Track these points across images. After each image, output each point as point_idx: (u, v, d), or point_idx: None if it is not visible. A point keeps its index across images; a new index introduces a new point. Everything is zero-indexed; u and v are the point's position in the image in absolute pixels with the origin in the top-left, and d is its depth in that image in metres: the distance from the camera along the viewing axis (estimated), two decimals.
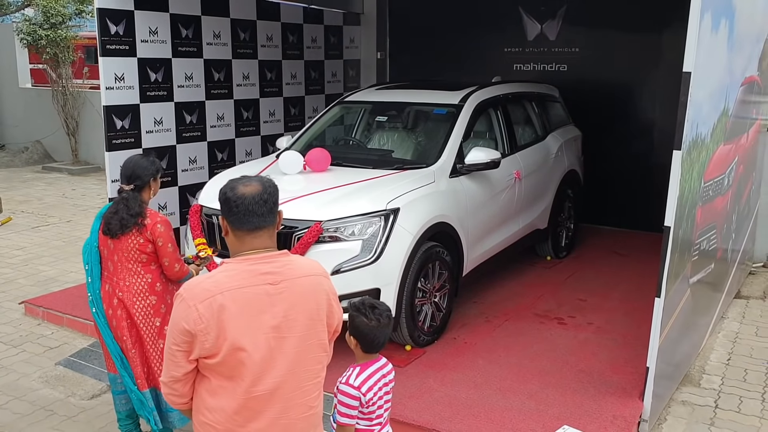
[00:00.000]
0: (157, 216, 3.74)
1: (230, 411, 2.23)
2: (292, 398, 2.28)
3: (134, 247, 3.68)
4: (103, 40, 6.64)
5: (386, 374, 3.05)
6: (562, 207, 7.39)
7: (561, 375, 4.77)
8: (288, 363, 2.25)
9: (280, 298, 2.24)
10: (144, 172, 3.77)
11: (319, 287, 2.35)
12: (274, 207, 2.32)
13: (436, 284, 5.24)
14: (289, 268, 2.30)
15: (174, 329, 2.22)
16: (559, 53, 9.05)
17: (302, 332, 2.28)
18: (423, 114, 6.17)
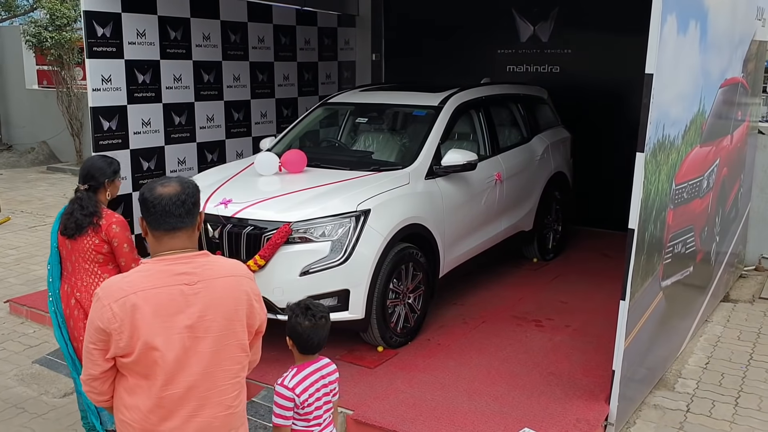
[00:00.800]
0: (113, 216, 3.75)
1: (145, 410, 2.26)
2: (208, 397, 2.29)
3: (90, 247, 3.70)
4: (89, 42, 6.71)
5: (326, 375, 3.05)
6: (549, 209, 7.36)
7: (530, 377, 4.76)
8: (203, 363, 2.27)
9: (196, 298, 2.26)
10: (99, 172, 3.79)
11: (239, 288, 2.36)
12: (193, 208, 2.34)
13: (410, 285, 5.24)
14: (207, 268, 2.31)
15: (90, 328, 2.26)
16: (551, 55, 9.03)
17: (219, 333, 2.29)
18: (403, 115, 6.17)
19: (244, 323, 2.36)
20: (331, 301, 4.74)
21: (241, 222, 4.84)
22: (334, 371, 3.12)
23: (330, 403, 3.08)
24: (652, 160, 4.13)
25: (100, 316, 2.22)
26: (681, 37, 4.29)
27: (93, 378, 2.31)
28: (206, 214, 4.99)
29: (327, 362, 3.12)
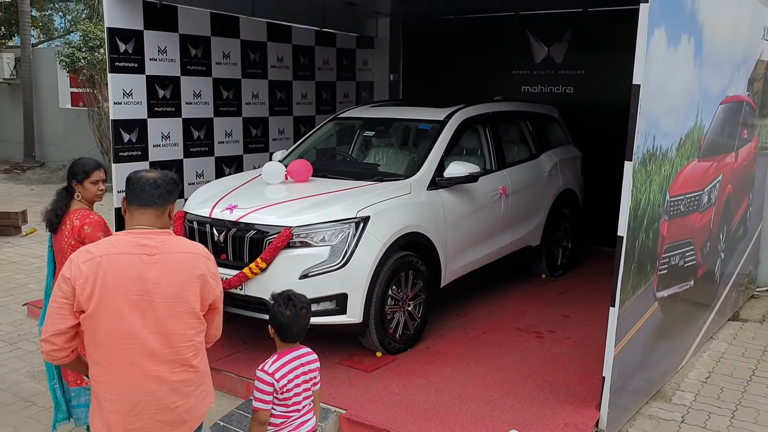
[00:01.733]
0: (88, 217, 3.75)
1: (107, 363, 2.51)
2: (164, 355, 2.54)
3: (68, 246, 3.74)
4: (112, 58, 7.01)
5: (306, 363, 3.18)
6: (557, 225, 7.43)
7: (524, 384, 4.82)
8: (156, 323, 2.52)
9: (154, 267, 2.53)
10: (69, 174, 3.86)
11: (193, 263, 2.61)
12: (166, 194, 2.66)
13: (410, 293, 5.35)
14: (167, 244, 2.61)
15: (59, 283, 2.54)
16: (565, 75, 9.15)
17: (171, 299, 2.54)
18: (409, 129, 6.34)
19: (197, 294, 2.59)
20: (330, 304, 4.88)
21: (244, 226, 5.01)
22: (315, 360, 3.24)
23: (309, 391, 3.20)
24: (641, 169, 4.21)
25: (68, 271, 2.51)
26: (672, 50, 4.39)
27: (58, 333, 2.53)
28: (212, 218, 5.19)
29: (307, 351, 3.24)
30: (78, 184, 3.82)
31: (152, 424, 2.56)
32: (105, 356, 2.51)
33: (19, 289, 7.28)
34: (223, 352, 5.28)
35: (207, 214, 5.23)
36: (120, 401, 2.52)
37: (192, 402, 2.62)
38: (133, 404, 2.52)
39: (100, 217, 3.83)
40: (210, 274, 2.65)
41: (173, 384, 2.55)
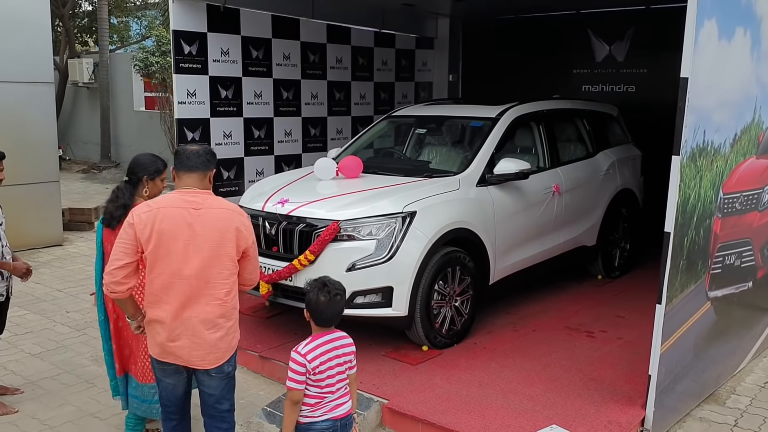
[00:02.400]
0: (133, 212, 3.49)
1: (159, 293, 3.20)
2: (202, 288, 3.19)
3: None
4: (177, 59, 7.31)
5: (339, 347, 3.25)
6: (615, 225, 7.30)
7: (569, 381, 4.78)
8: (200, 262, 3.17)
9: (199, 218, 3.20)
10: (140, 168, 3.92)
11: (230, 217, 3.27)
12: (206, 161, 3.33)
13: (457, 289, 5.37)
14: (209, 201, 3.27)
15: (124, 228, 3.24)
16: (627, 74, 8.99)
17: (213, 244, 3.19)
18: (461, 127, 6.37)
19: (233, 242, 3.24)
20: (376, 297, 4.96)
21: (294, 220, 5.15)
22: (350, 345, 3.32)
23: (344, 374, 3.27)
24: (690, 164, 4.13)
25: (131, 219, 3.22)
26: (724, 43, 4.29)
27: (119, 267, 3.17)
28: (265, 212, 5.35)
29: (342, 335, 3.32)
30: (149, 180, 3.91)
31: (189, 345, 3.20)
32: (158, 287, 3.19)
33: (89, 280, 7.64)
34: (273, 342, 5.43)
35: (260, 208, 5.39)
36: (165, 324, 3.19)
37: (222, 333, 3.25)
38: (175, 327, 3.19)
39: None
40: (243, 227, 3.29)
41: (208, 314, 3.20)
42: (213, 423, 3.46)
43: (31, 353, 5.62)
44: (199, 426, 3.61)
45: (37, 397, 4.84)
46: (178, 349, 3.22)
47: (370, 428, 4.42)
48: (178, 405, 3.48)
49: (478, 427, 4.12)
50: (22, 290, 7.29)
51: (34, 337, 5.98)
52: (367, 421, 4.39)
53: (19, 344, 5.80)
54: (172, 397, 3.44)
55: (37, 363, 5.43)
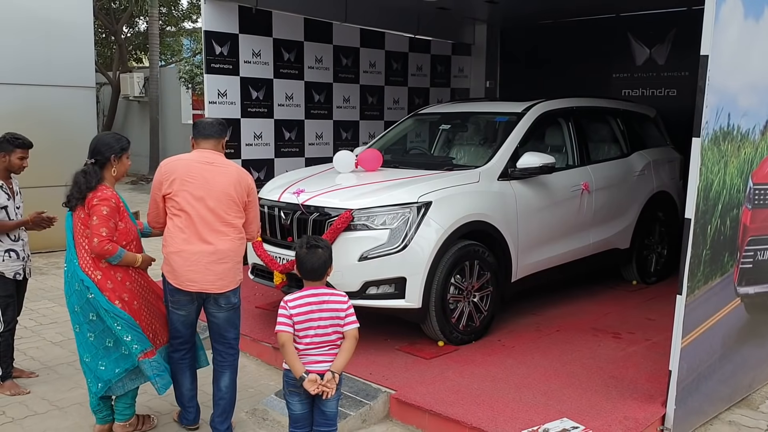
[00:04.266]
0: (101, 191, 3.75)
1: (177, 223, 3.79)
2: (214, 225, 3.81)
3: (79, 221, 3.79)
4: (208, 59, 7.40)
5: (325, 302, 3.26)
6: (650, 229, 7.04)
7: (588, 379, 4.57)
8: (213, 203, 3.79)
9: (213, 172, 3.84)
10: (105, 148, 3.84)
11: (238, 173, 3.91)
12: (219, 129, 4.02)
13: (476, 284, 5.22)
14: (220, 160, 3.93)
15: (154, 180, 3.94)
16: (668, 78, 8.74)
17: (222, 191, 3.82)
18: (486, 122, 6.25)
19: (239, 192, 3.88)
20: (388, 288, 4.85)
21: (309, 209, 5.10)
22: (341, 302, 3.31)
23: (329, 332, 3.25)
24: (712, 147, 3.93)
25: (159, 171, 3.89)
26: (751, 22, 4.09)
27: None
28: (281, 202, 5.32)
29: (334, 293, 3.33)
30: (117, 158, 3.86)
31: (203, 271, 3.76)
32: (178, 223, 3.79)
33: None
34: None
35: (276, 198, 5.37)
36: (183, 254, 3.76)
37: (230, 266, 3.84)
38: (191, 256, 3.75)
39: (114, 193, 3.84)
40: (246, 182, 3.92)
41: (219, 247, 3.79)
42: (222, 349, 4.00)
43: (52, 341, 5.69)
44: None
45: (51, 380, 4.88)
46: (194, 274, 3.75)
47: (376, 419, 4.29)
48: (188, 336, 4.04)
49: (485, 418, 3.96)
50: (54, 285, 7.44)
51: (58, 327, 6.06)
52: (373, 411, 4.27)
53: (42, 333, 5.88)
54: (184, 327, 3.98)
55: (56, 350, 5.49)
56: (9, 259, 4.67)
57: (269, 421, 4.25)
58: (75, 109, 9.22)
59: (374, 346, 5.09)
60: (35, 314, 6.31)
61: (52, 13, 8.91)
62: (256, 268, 5.58)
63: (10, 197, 4.73)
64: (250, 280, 5.89)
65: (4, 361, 4.70)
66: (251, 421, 4.30)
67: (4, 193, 4.68)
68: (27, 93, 8.67)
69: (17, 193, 4.85)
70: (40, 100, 8.71)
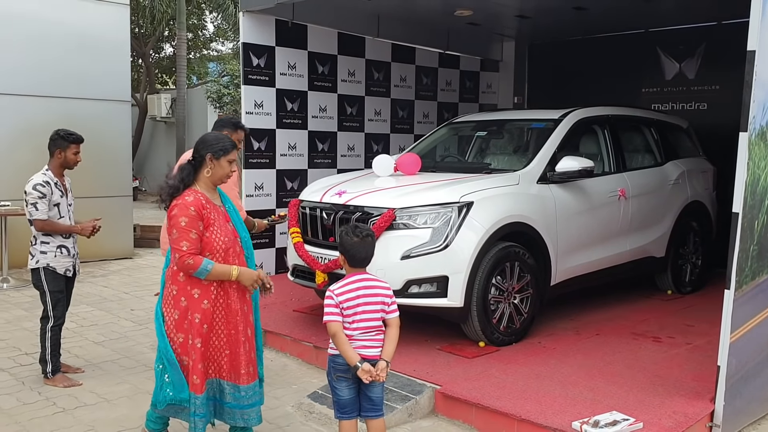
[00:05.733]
0: (182, 198, 3.33)
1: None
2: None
3: (164, 226, 3.60)
4: (245, 71, 7.55)
5: (370, 287, 3.31)
6: (684, 239, 7.03)
7: (633, 378, 4.55)
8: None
9: None
10: (203, 146, 3.44)
11: None
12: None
13: (516, 285, 5.24)
14: None
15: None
16: (698, 92, 8.77)
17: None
18: (522, 129, 6.32)
19: None
20: (430, 286, 4.89)
21: (351, 209, 5.16)
22: (385, 288, 3.35)
23: (376, 316, 3.30)
24: (759, 142, 3.96)
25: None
26: None
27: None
28: (322, 203, 5.39)
29: (377, 279, 3.37)
30: (214, 159, 3.39)
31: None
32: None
33: (155, 285, 7.83)
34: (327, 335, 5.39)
35: (318, 199, 5.44)
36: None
37: None
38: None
39: (198, 198, 3.37)
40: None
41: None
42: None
43: (95, 341, 5.77)
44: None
45: (97, 376, 4.94)
46: None
47: (422, 414, 4.30)
48: None
49: (533, 412, 3.96)
50: (91, 292, 7.54)
51: (99, 329, 6.14)
52: (419, 405, 4.29)
53: (84, 334, 5.96)
54: None
55: (99, 349, 5.56)
56: (60, 255, 4.77)
57: (315, 414, 4.27)
58: (110, 122, 9.41)
59: (415, 345, 5.11)
60: (75, 317, 6.39)
61: (91, 28, 9.15)
62: (297, 269, 5.63)
63: (63, 194, 4.85)
64: (287, 284, 5.97)
65: (54, 355, 4.77)
66: (298, 414, 4.32)
67: (58, 190, 4.80)
68: (64, 105, 8.87)
69: (69, 190, 4.97)
70: (76, 112, 8.90)
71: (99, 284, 7.95)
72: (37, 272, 4.75)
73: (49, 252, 4.75)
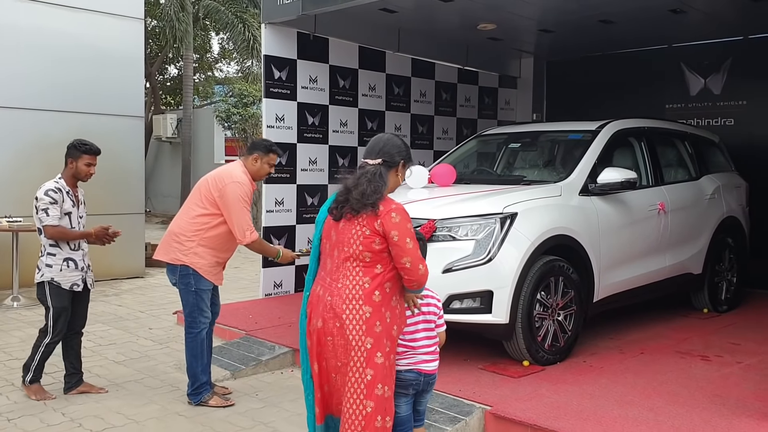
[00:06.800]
0: (392, 203, 2.95)
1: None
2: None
3: (358, 239, 2.91)
4: (267, 83, 7.37)
5: (427, 296, 3.21)
6: (720, 255, 6.81)
7: (692, 397, 4.31)
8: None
9: None
10: (396, 150, 3.07)
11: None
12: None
13: (560, 302, 5.01)
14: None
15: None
16: (724, 107, 8.62)
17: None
18: (558, 140, 6.13)
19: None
20: (474, 302, 4.66)
21: None
22: (435, 298, 3.22)
23: (431, 327, 3.17)
24: None
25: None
26: None
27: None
28: None
29: (427, 288, 3.17)
30: (403, 166, 3.07)
31: None
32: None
33: (170, 304, 7.57)
34: None
35: None
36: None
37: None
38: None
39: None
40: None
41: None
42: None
43: (115, 360, 5.50)
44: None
45: (122, 396, 4.67)
46: None
47: None
48: None
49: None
50: (106, 311, 7.28)
51: (118, 347, 5.87)
52: (469, 427, 4.03)
53: (103, 353, 5.70)
54: None
55: (121, 369, 5.29)
56: (67, 268, 4.55)
57: None
58: (124, 138, 9.20)
59: (456, 364, 4.86)
60: (92, 336, 6.13)
61: (106, 42, 8.98)
62: None
63: (74, 204, 4.64)
64: None
65: (39, 367, 4.58)
66: None
67: (69, 199, 4.60)
68: (78, 120, 8.65)
69: (82, 202, 4.77)
70: (90, 128, 8.64)
71: (113, 303, 7.69)
72: (42, 286, 4.55)
73: (55, 265, 4.52)
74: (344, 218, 2.95)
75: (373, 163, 3.02)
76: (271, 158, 4.55)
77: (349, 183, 3.00)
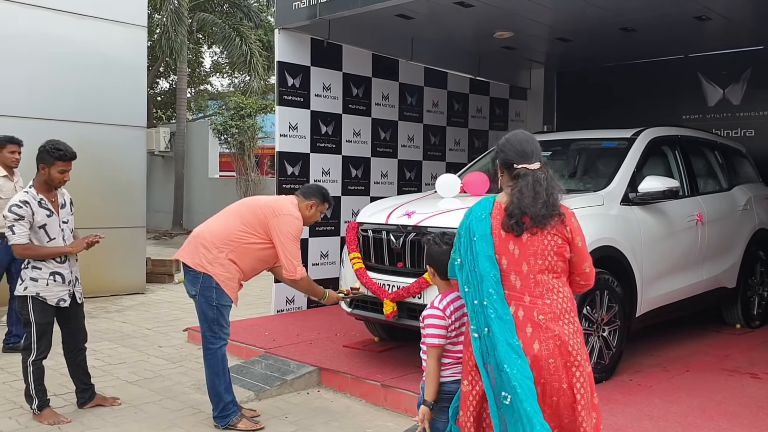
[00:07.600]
0: (563, 206, 2.74)
1: None
2: None
3: (551, 249, 2.62)
4: (280, 91, 7.09)
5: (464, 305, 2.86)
6: (752, 269, 6.58)
7: (755, 418, 4.04)
8: None
9: None
10: (539, 152, 2.81)
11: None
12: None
13: (605, 317, 4.73)
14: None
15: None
16: (744, 118, 8.46)
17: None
18: (591, 148, 5.89)
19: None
20: None
21: (422, 230, 4.65)
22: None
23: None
24: None
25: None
26: None
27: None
28: (389, 224, 4.88)
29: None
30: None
31: None
32: None
33: (177, 321, 7.22)
34: (393, 373, 4.86)
35: (383, 221, 4.94)
36: None
37: None
38: None
39: None
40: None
41: None
42: None
43: (128, 380, 5.14)
44: None
45: (141, 419, 4.32)
46: None
47: None
48: None
49: None
50: (110, 328, 6.92)
51: (129, 366, 5.51)
52: None
53: (114, 372, 5.34)
54: None
55: (136, 389, 4.93)
56: (54, 283, 4.21)
57: None
58: (126, 148, 8.85)
59: None
60: (99, 354, 5.77)
61: (109, 51, 8.65)
62: (356, 300, 5.08)
63: (51, 213, 4.24)
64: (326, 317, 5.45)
65: (39, 389, 4.22)
66: None
67: (42, 208, 4.19)
68: (80, 130, 8.25)
69: (63, 205, 4.36)
70: (92, 137, 8.31)
71: (116, 320, 7.31)
72: (24, 300, 4.17)
73: (41, 279, 4.16)
74: (528, 231, 2.62)
75: (533, 168, 2.70)
76: (324, 207, 4.37)
77: (527, 201, 2.61)
